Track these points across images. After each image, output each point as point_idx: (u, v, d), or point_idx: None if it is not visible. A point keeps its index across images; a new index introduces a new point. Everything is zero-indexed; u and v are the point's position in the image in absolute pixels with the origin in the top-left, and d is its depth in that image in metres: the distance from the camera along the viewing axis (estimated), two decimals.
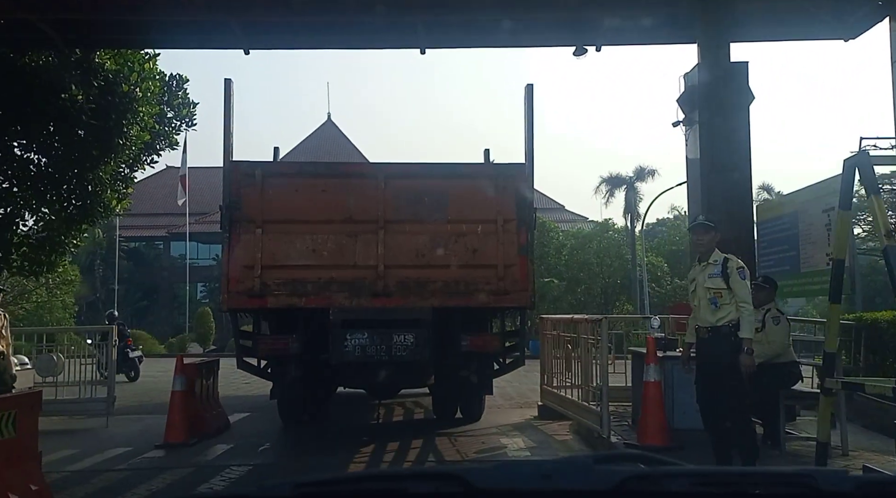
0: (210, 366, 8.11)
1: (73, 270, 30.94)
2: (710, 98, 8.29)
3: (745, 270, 4.91)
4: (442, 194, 6.58)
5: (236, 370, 7.95)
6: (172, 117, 12.37)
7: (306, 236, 6.46)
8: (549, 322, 8.71)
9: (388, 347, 6.38)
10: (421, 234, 6.52)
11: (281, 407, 7.78)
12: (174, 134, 12.50)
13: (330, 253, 6.42)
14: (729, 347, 4.77)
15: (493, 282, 6.52)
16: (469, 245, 6.52)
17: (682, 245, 30.74)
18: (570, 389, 7.68)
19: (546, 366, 8.58)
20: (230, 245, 6.52)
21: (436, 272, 6.51)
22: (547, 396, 8.55)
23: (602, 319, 6.51)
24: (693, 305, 5.08)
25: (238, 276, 6.46)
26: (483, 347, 6.99)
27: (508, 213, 6.57)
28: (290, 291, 6.39)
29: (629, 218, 26.30)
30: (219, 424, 7.84)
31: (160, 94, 11.62)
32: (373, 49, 9.43)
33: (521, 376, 16.31)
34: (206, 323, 24.66)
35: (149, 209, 43.04)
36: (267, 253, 6.40)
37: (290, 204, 6.53)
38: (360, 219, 6.53)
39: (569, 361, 7.62)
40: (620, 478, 1.05)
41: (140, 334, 24.27)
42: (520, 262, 6.57)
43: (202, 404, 7.68)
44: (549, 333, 8.51)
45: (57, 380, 8.66)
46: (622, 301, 30.83)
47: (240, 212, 6.52)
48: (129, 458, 6.73)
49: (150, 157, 12.41)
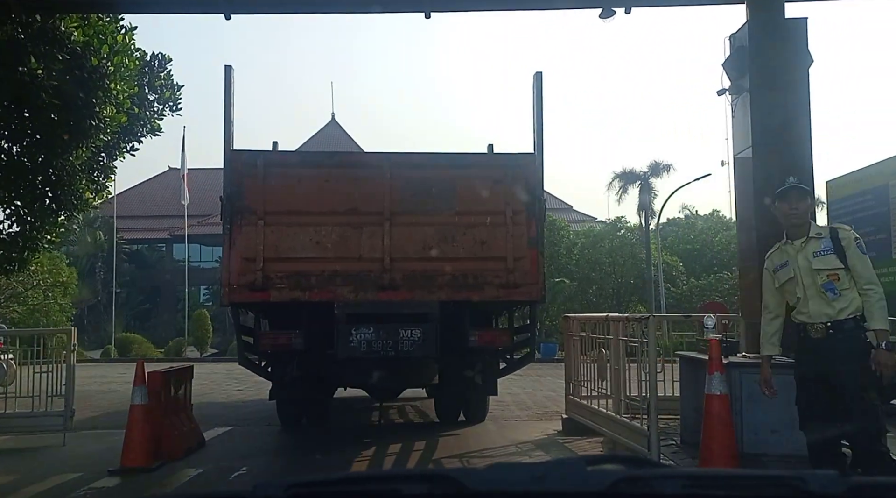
0: (181, 374, 6.87)
1: (71, 271, 29.95)
2: (763, 61, 7.04)
3: (862, 242, 3.69)
4: (449, 185, 6.31)
5: (230, 376, 6.95)
6: (154, 100, 11.20)
7: (310, 228, 6.21)
8: (575, 322, 7.43)
9: (394, 342, 6.14)
10: (428, 226, 6.28)
11: (280, 408, 7.50)
12: (156, 119, 11.31)
13: (334, 245, 6.18)
14: (858, 347, 3.52)
15: (503, 275, 6.28)
16: (477, 237, 6.28)
17: (697, 244, 29.40)
18: (602, 399, 6.42)
19: (572, 373, 7.30)
20: (231, 237, 6.23)
21: (443, 265, 6.25)
22: (573, 408, 7.27)
23: (649, 318, 5.27)
24: (796, 297, 3.73)
25: (240, 269, 6.18)
26: (492, 343, 6.81)
27: (517, 205, 6.31)
28: (294, 284, 6.14)
29: (643, 215, 24.96)
30: (190, 443, 6.60)
31: (138, 73, 10.42)
32: (370, 13, 8.21)
33: (535, 382, 15.08)
34: (203, 325, 23.42)
35: (151, 211, 42.11)
36: (269, 245, 6.14)
37: (293, 194, 6.27)
38: (365, 210, 6.25)
39: (602, 367, 6.34)
40: (612, 480, 1.06)
41: (134, 338, 23.14)
42: (530, 254, 6.32)
43: (170, 420, 6.44)
44: (574, 334, 7.24)
45: (7, 391, 7.47)
46: (634, 302, 29.53)
47: (241, 202, 6.24)
48: (77, 486, 5.50)
49: (129, 143, 11.22)
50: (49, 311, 27.63)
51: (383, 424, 8.31)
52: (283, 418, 7.48)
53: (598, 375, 6.39)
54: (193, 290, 38.38)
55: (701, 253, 28.88)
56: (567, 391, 7.42)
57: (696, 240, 29.47)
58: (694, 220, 31.39)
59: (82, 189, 10.63)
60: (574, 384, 7.24)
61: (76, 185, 10.44)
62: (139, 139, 11.38)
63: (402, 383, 7.90)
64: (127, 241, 39.30)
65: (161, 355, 22.00)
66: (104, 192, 12.04)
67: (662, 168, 24.39)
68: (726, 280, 25.35)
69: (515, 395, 12.32)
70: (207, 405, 10.02)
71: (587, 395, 6.85)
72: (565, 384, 7.44)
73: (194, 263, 40.85)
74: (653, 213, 25.05)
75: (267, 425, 8.17)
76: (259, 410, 9.56)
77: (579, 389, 7.10)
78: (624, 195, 25.05)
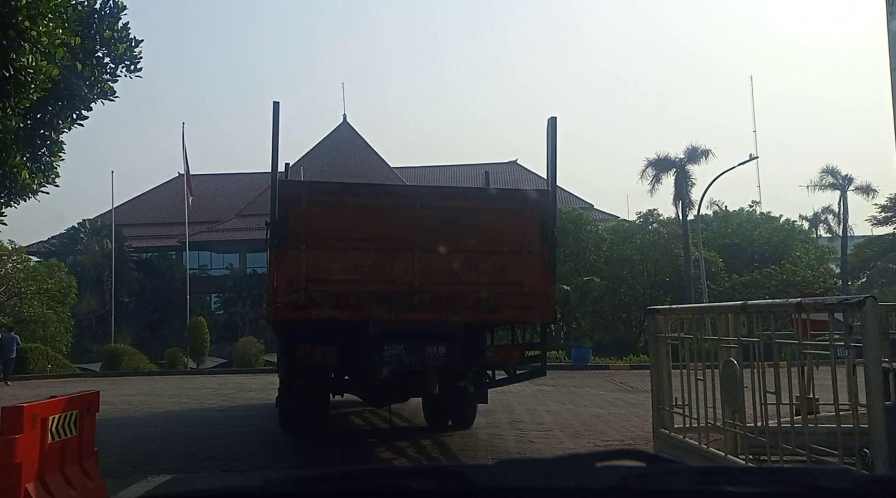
0: (73, 405, 4.46)
1: (70, 279, 27.87)
2: None
3: None
4: (473, 217, 6.76)
5: (219, 392, 8.13)
6: (104, 56, 8.93)
7: (348, 253, 6.59)
8: (672, 317, 4.92)
9: (422, 357, 6.58)
10: (453, 253, 6.66)
11: (283, 414, 8.00)
12: (108, 80, 9.04)
13: (369, 269, 6.58)
14: None
15: (519, 299, 6.72)
16: (497, 264, 6.72)
17: (736, 238, 26.66)
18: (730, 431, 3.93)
19: (663, 390, 4.80)
20: (277, 259, 6.57)
21: (467, 289, 6.67)
22: (668, 443, 4.76)
23: (867, 300, 2.80)
24: None
25: (285, 288, 6.51)
26: (506, 358, 7.31)
27: (533, 236, 6.77)
28: (333, 303, 6.51)
29: (680, 206, 22.24)
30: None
31: (76, 18, 8.14)
32: None
33: (574, 395, 12.57)
34: (199, 334, 21.05)
35: (160, 218, 40.14)
36: (311, 267, 6.49)
37: (333, 222, 6.64)
38: (398, 237, 6.67)
39: (735, 385, 3.85)
40: (622, 476, 1.03)
41: (124, 349, 20.81)
42: (543, 280, 6.75)
43: (53, 478, 4.06)
44: (666, 336, 4.75)
45: None
46: (667, 302, 26.87)
47: (286, 228, 6.56)
48: None
49: (76, 110, 8.97)
50: (46, 322, 25.64)
51: (393, 427, 8.36)
52: (285, 425, 7.94)
53: (724, 398, 3.88)
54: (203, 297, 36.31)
55: (740, 248, 26.16)
56: (657, 419, 4.91)
57: (733, 234, 26.76)
58: (728, 214, 28.67)
59: (18, 167, 8.36)
60: (668, 407, 4.73)
61: (11, 162, 8.18)
62: (87, 106, 9.12)
63: (415, 393, 8.19)
64: (135, 250, 37.39)
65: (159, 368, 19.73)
66: (52, 173, 9.80)
67: (700, 153, 21.67)
68: (774, 276, 22.64)
69: (556, 414, 9.81)
70: (163, 437, 7.67)
71: (699, 424, 4.33)
72: (653, 407, 4.94)
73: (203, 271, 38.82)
74: (690, 204, 22.40)
75: (223, 471, 5.77)
76: (232, 444, 7.21)
77: (683, 416, 4.58)
78: (657, 185, 22.39)
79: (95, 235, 35.82)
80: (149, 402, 12.22)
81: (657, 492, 1.03)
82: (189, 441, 7.52)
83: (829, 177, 26.43)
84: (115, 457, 6.01)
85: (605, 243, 25.24)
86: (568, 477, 1.03)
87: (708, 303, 21.19)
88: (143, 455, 6.45)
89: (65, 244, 35.91)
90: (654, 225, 25.19)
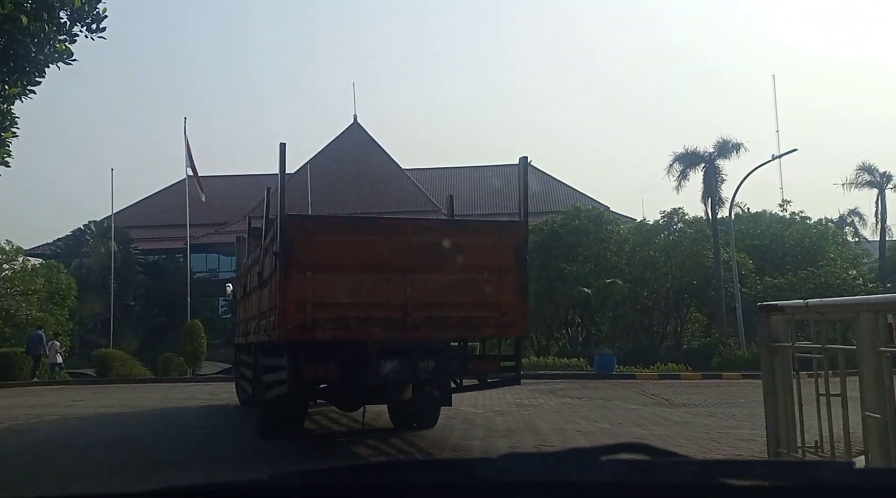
0: None
1: (69, 281, 26.67)
2: None
3: None
4: (457, 246, 7.31)
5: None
6: (59, 12, 7.58)
7: (348, 278, 7.04)
8: (804, 317, 3.30)
9: (414, 371, 7.22)
10: (440, 278, 7.27)
11: (262, 422, 8.37)
12: (65, 41, 7.68)
13: (367, 293, 7.04)
14: None
15: (498, 317, 7.32)
16: (478, 287, 7.30)
17: (766, 239, 24.91)
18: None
19: (787, 423, 3.24)
20: (285, 285, 6.90)
21: (452, 310, 7.25)
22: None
23: None
24: None
25: (293, 312, 6.87)
26: (485, 369, 7.98)
27: (509, 261, 7.40)
28: (336, 325, 6.95)
29: (709, 203, 20.57)
30: None
31: None
32: None
33: (602, 409, 11.01)
34: (196, 338, 19.61)
35: (168, 220, 38.95)
36: (316, 292, 6.88)
37: (335, 251, 7.09)
38: (392, 264, 7.16)
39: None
40: (626, 469, 1.02)
41: (116, 354, 19.43)
42: (518, 299, 7.41)
43: None
44: (792, 345, 3.18)
45: None
46: (692, 307, 25.16)
47: (294, 257, 6.95)
48: None
49: (30, 73, 7.62)
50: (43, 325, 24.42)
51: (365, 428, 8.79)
52: (266, 432, 8.28)
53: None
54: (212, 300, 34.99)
55: (770, 249, 24.42)
56: (773, 449, 3.35)
57: (762, 235, 25.02)
58: (757, 215, 26.94)
59: None
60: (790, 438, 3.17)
61: None
62: (40, 70, 7.77)
63: (389, 398, 8.60)
64: (142, 252, 36.22)
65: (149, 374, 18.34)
66: (4, 151, 8.46)
67: (732, 147, 20.00)
68: (809, 279, 20.91)
69: (589, 435, 8.26)
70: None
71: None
72: (769, 439, 3.37)
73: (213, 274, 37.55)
74: (720, 201, 20.74)
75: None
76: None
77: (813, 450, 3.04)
78: (684, 181, 20.73)
79: (102, 237, 34.68)
80: (124, 419, 10.79)
81: (662, 484, 1.02)
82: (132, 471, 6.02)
83: (865, 174, 24.61)
84: None
85: (626, 244, 23.62)
86: (572, 470, 1.05)
87: (741, 309, 19.32)
88: None
89: (70, 246, 34.78)
90: (678, 224, 23.54)
